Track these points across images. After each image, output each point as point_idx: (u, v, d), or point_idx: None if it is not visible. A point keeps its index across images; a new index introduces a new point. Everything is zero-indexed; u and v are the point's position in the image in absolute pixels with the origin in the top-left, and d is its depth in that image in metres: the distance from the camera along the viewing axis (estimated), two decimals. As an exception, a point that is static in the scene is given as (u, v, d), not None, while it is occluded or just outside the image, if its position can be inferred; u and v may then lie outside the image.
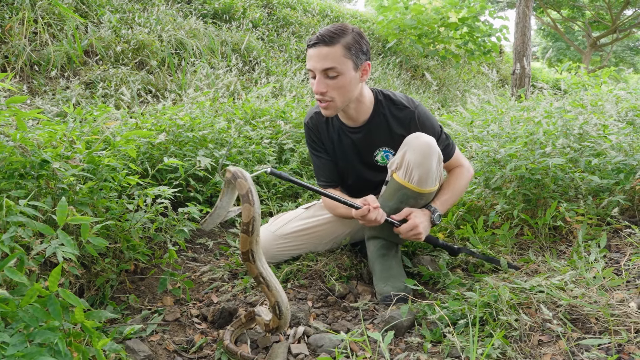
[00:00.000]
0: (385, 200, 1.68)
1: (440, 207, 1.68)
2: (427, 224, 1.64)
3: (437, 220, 1.66)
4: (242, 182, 1.23)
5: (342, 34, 1.54)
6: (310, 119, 1.83)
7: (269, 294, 1.27)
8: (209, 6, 6.32)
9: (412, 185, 1.60)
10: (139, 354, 1.26)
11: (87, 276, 1.49)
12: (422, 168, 1.57)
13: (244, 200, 1.22)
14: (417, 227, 1.59)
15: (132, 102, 3.56)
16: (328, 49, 1.53)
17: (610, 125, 2.19)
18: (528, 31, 6.34)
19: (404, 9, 8.15)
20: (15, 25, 3.70)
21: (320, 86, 1.56)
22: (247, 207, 1.21)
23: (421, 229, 1.60)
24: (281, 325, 1.29)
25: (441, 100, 7.01)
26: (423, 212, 1.64)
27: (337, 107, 1.62)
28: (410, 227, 1.60)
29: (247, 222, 1.21)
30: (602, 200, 1.90)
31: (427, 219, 1.64)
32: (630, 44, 20.66)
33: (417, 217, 1.61)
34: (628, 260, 1.61)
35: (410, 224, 1.60)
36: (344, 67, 1.54)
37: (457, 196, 1.76)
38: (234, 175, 1.25)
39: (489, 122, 2.78)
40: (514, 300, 1.35)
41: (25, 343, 0.87)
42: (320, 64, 1.54)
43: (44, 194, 1.39)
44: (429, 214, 1.65)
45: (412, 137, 1.62)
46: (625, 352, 1.16)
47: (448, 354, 1.26)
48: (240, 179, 1.24)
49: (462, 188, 1.78)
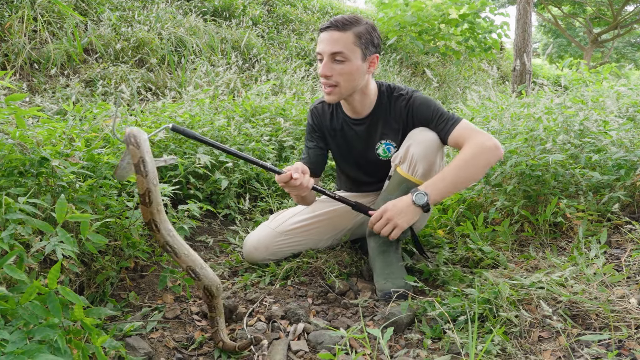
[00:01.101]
0: (388, 194, 1.68)
1: (425, 187, 1.48)
2: (404, 210, 1.47)
3: (418, 202, 1.46)
4: (133, 150, 1.11)
5: (356, 23, 1.57)
6: (316, 106, 1.85)
7: (178, 260, 1.21)
8: (208, 4, 6.30)
9: (416, 179, 1.60)
10: (139, 351, 1.26)
11: (87, 274, 1.49)
12: (426, 161, 1.58)
13: (137, 171, 1.12)
14: (385, 212, 1.48)
15: (132, 99, 3.56)
16: (339, 34, 1.55)
17: (610, 121, 2.19)
18: (529, 27, 6.32)
19: (404, 5, 8.13)
20: (15, 23, 3.69)
21: (326, 69, 1.58)
22: (139, 179, 1.11)
23: (391, 215, 1.47)
24: (209, 289, 1.23)
25: (442, 97, 7.00)
26: (400, 199, 1.51)
27: (341, 93, 1.63)
28: (378, 216, 1.49)
29: (142, 194, 1.13)
30: (602, 196, 1.90)
31: (403, 204, 1.48)
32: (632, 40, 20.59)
33: (389, 204, 1.49)
34: (628, 257, 1.61)
35: (378, 212, 1.49)
36: (352, 54, 1.56)
37: (458, 174, 1.48)
38: (126, 140, 1.11)
39: (489, 119, 2.77)
40: (514, 297, 1.35)
41: (25, 340, 0.87)
42: (329, 47, 1.55)
43: (43, 192, 1.39)
44: (408, 198, 1.49)
45: (417, 131, 1.63)
46: (625, 348, 1.16)
47: (448, 350, 1.26)
48: (132, 145, 1.10)
49: (468, 164, 1.48)
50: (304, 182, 1.48)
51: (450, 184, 1.48)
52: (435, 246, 1.94)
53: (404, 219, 1.48)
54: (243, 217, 2.36)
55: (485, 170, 1.53)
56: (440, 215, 2.10)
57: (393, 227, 1.49)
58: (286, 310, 1.48)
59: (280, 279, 1.73)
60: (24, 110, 1.36)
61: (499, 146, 1.51)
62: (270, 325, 1.43)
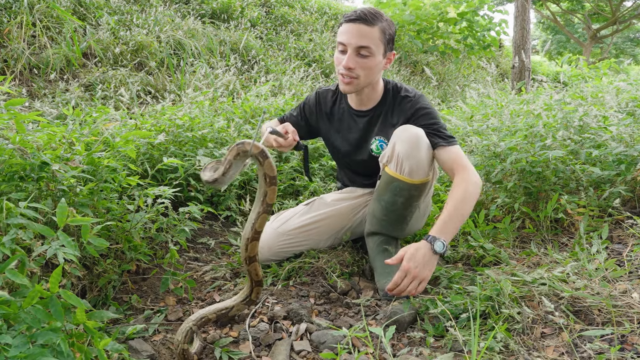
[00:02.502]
0: (379, 195, 1.69)
1: (439, 232, 1.43)
2: (427, 262, 1.39)
3: (439, 249, 1.40)
4: (272, 163, 1.25)
5: (381, 18, 1.59)
6: (323, 91, 1.89)
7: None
8: (207, 6, 6.31)
9: (404, 177, 1.60)
10: (141, 353, 1.26)
11: (89, 277, 1.49)
12: (412, 159, 1.58)
13: (272, 183, 1.26)
14: (409, 272, 1.37)
15: (132, 103, 3.57)
16: (368, 29, 1.56)
17: (610, 116, 2.18)
18: (527, 24, 6.31)
19: (402, 4, 8.13)
20: (14, 29, 3.70)
21: (350, 62, 1.58)
22: (274, 190, 1.28)
23: (415, 272, 1.37)
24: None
25: (441, 95, 7.00)
26: (417, 249, 1.40)
27: (359, 85, 1.65)
28: (402, 276, 1.37)
29: (271, 204, 1.29)
30: (603, 191, 1.90)
31: (422, 257, 1.39)
32: (631, 35, 20.58)
33: (407, 263, 1.37)
34: (630, 251, 1.61)
35: (401, 273, 1.37)
36: (376, 49, 1.59)
37: (460, 213, 1.48)
38: (264, 154, 1.23)
39: (489, 116, 2.78)
40: (516, 293, 1.35)
41: (28, 344, 0.87)
42: (356, 40, 1.56)
43: (44, 196, 1.40)
44: (427, 248, 1.40)
45: (401, 129, 1.62)
46: (628, 343, 1.16)
47: (450, 347, 1.26)
48: (270, 159, 1.24)
49: (465, 201, 1.49)
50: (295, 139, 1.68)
51: (458, 222, 1.48)
52: (436, 244, 1.93)
53: (428, 269, 1.40)
54: (244, 218, 2.36)
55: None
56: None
57: (419, 282, 1.39)
58: (288, 311, 1.48)
59: (282, 279, 1.74)
60: (24, 115, 1.37)
61: (481, 184, 1.58)
62: (273, 325, 1.43)
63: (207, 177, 1.24)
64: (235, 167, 1.24)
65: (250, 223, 1.30)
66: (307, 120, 1.93)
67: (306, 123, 1.93)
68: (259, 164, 1.25)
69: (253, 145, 1.21)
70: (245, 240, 1.31)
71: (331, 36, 7.52)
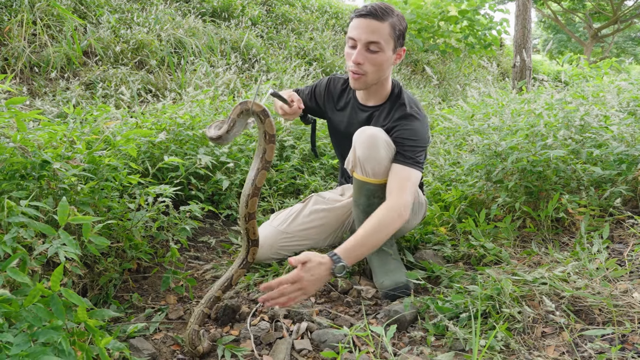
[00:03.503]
0: (356, 200, 1.70)
1: (345, 255, 1.35)
2: (321, 280, 1.30)
3: (337, 272, 1.32)
4: (273, 122, 1.31)
5: (391, 13, 1.58)
6: (337, 78, 1.90)
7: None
8: (207, 4, 6.30)
9: (370, 179, 1.61)
10: (142, 352, 1.26)
11: (90, 276, 1.49)
12: (372, 160, 1.58)
13: (271, 141, 1.33)
14: (301, 281, 1.26)
15: (132, 101, 3.56)
16: (378, 24, 1.55)
17: (611, 116, 2.18)
18: (528, 23, 6.30)
19: (403, 3, 8.11)
20: (15, 27, 3.70)
21: (359, 57, 1.58)
22: (272, 148, 1.34)
23: (306, 285, 1.27)
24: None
25: (442, 94, 6.99)
26: (320, 263, 1.31)
27: (368, 81, 1.64)
28: (291, 280, 1.26)
29: (270, 161, 1.35)
30: (604, 191, 1.89)
31: (321, 274, 1.30)
32: (632, 34, 20.55)
33: (305, 272, 1.28)
34: (631, 251, 1.61)
35: (293, 276, 1.26)
36: (386, 45, 1.58)
37: (371, 242, 1.42)
38: (266, 112, 1.30)
39: (489, 115, 2.77)
40: (516, 293, 1.35)
41: (29, 343, 0.87)
42: (366, 35, 1.56)
43: (45, 195, 1.40)
44: (330, 265, 1.32)
45: (358, 132, 1.63)
46: (629, 343, 1.16)
47: (451, 347, 1.26)
48: (270, 118, 1.30)
49: (378, 232, 1.43)
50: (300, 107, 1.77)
51: (367, 250, 1.43)
52: (437, 243, 1.94)
53: (315, 287, 1.31)
54: (245, 217, 2.36)
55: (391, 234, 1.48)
56: (442, 212, 2.10)
57: (302, 294, 1.28)
58: (289, 310, 1.48)
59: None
60: (25, 114, 1.37)
61: (407, 217, 1.51)
62: (274, 324, 1.43)
63: (211, 133, 1.32)
64: (239, 125, 1.32)
65: (250, 179, 1.34)
66: (316, 101, 1.95)
67: (315, 103, 1.96)
68: (259, 122, 1.31)
69: (254, 104, 1.28)
70: (245, 197, 1.35)
71: (332, 35, 7.51)
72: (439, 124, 3.54)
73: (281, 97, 1.68)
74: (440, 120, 3.71)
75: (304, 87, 2.05)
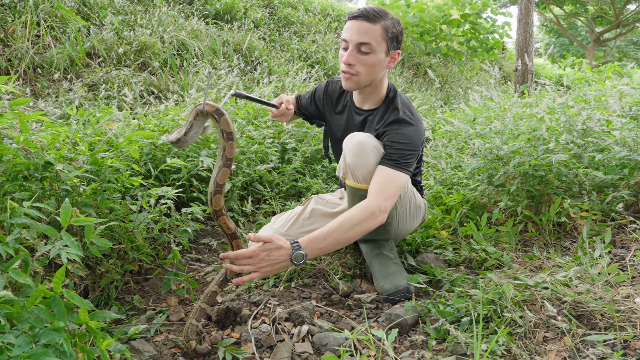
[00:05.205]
0: (350, 205, 1.70)
1: (307, 245, 1.37)
2: (277, 264, 1.33)
3: (296, 260, 1.34)
4: (228, 120, 1.30)
5: (384, 16, 1.59)
6: (335, 80, 1.91)
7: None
8: (210, 7, 6.32)
9: (362, 185, 1.61)
10: (143, 354, 1.26)
11: (91, 277, 1.49)
12: (361, 167, 1.59)
13: (230, 138, 1.31)
14: (257, 257, 1.31)
15: (135, 103, 3.57)
16: (370, 26, 1.56)
17: (613, 120, 2.18)
18: (530, 27, 6.30)
19: (405, 7, 8.12)
20: (18, 28, 3.71)
21: (351, 58, 1.59)
22: (231, 145, 1.32)
23: (261, 263, 1.31)
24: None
25: (444, 97, 6.99)
26: (280, 247, 1.33)
27: (359, 82, 1.65)
28: (247, 255, 1.31)
29: (231, 158, 1.33)
30: (606, 195, 1.89)
31: (278, 258, 1.33)
32: (634, 38, 20.53)
33: (264, 250, 1.32)
34: (633, 256, 1.61)
35: (251, 251, 1.31)
36: (378, 46, 1.58)
37: (336, 238, 1.42)
38: (219, 112, 1.30)
39: (491, 119, 2.77)
40: (518, 297, 1.35)
41: (31, 344, 0.87)
42: (357, 37, 1.57)
43: (47, 196, 1.40)
44: (287, 254, 1.34)
45: (347, 139, 1.64)
46: (631, 348, 1.15)
47: (452, 351, 1.26)
48: (225, 116, 1.30)
49: (346, 230, 1.42)
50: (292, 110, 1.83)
51: (330, 245, 1.43)
52: (438, 247, 1.93)
53: (271, 269, 1.33)
54: (246, 219, 2.37)
55: (362, 235, 1.49)
56: (443, 216, 2.10)
57: (255, 270, 1.32)
58: (290, 312, 1.48)
59: (284, 281, 1.74)
60: (28, 115, 1.37)
61: (382, 220, 1.49)
62: (275, 327, 1.43)
63: (171, 137, 1.35)
64: (196, 127, 1.34)
65: (213, 178, 1.36)
66: (316, 105, 1.96)
67: (315, 107, 1.96)
68: (215, 121, 1.33)
69: (206, 104, 1.30)
70: (209, 195, 1.36)
71: (334, 37, 7.52)
72: (440, 127, 3.54)
73: (248, 96, 1.70)
74: (442, 124, 3.70)
75: (305, 92, 2.06)
